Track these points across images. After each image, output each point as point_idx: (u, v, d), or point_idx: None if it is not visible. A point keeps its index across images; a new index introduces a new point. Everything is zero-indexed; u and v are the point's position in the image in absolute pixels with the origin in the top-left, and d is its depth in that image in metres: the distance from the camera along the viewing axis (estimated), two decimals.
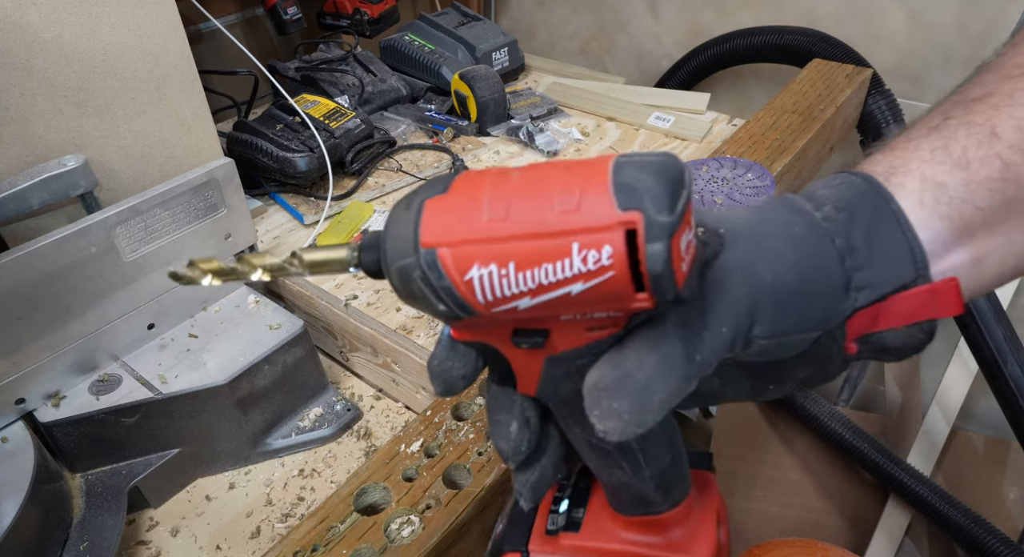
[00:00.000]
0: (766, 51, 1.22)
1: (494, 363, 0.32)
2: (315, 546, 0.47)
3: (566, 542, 0.37)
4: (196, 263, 0.32)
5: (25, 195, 0.61)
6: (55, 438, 0.61)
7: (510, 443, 0.32)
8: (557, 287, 0.25)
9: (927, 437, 1.28)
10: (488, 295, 0.26)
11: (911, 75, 1.16)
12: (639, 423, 0.27)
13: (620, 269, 0.24)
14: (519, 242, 0.25)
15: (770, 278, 0.29)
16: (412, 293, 0.27)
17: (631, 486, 0.34)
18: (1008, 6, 1.02)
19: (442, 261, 0.26)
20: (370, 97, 1.10)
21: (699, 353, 0.28)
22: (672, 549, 0.35)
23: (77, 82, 0.64)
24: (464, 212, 0.26)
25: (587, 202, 0.25)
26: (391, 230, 0.27)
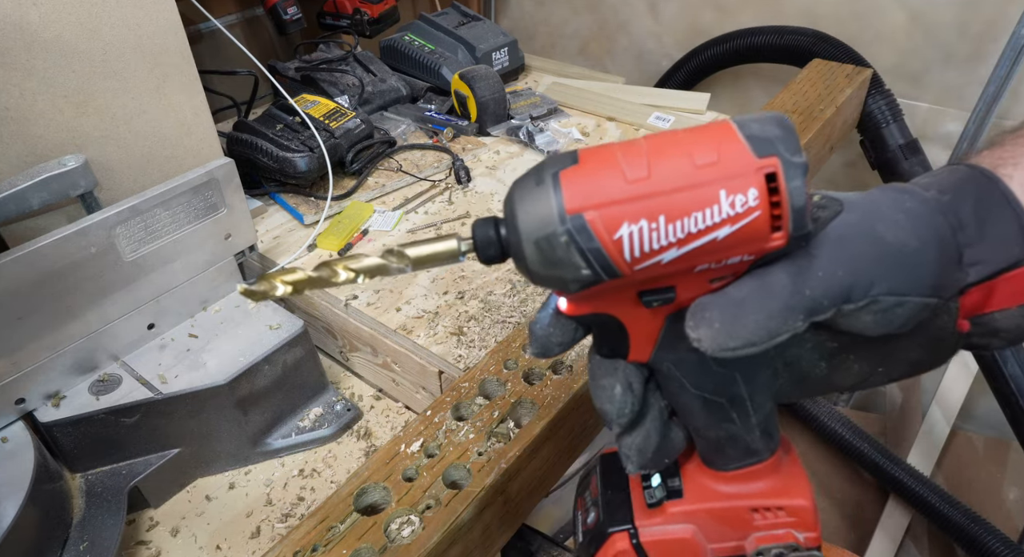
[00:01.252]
0: (766, 51, 1.22)
1: (603, 334, 0.34)
2: (315, 546, 0.47)
3: (674, 510, 0.38)
4: (269, 276, 0.32)
5: (25, 195, 0.61)
6: (55, 438, 0.61)
7: (615, 405, 0.34)
8: (705, 234, 0.27)
9: (927, 437, 1.28)
10: (636, 251, 0.28)
11: (911, 75, 1.16)
12: (731, 334, 0.29)
13: (764, 208, 0.27)
14: (667, 196, 0.27)
15: (891, 238, 0.30)
16: (555, 262, 0.29)
17: (739, 437, 0.35)
18: (1008, 6, 1.02)
19: (591, 224, 0.28)
20: (370, 97, 1.10)
21: (809, 289, 0.29)
22: (779, 493, 0.37)
23: (77, 82, 0.64)
24: (604, 177, 0.28)
25: (725, 154, 0.27)
26: (523, 206, 0.29)
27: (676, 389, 0.35)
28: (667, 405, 0.37)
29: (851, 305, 0.29)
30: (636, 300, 0.31)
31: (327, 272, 0.32)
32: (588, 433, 0.63)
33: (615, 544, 0.38)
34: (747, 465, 0.36)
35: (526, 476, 0.55)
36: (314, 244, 0.82)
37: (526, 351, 0.35)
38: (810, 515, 0.37)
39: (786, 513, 0.37)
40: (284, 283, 0.32)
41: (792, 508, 0.37)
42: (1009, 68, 1.04)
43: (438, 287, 0.75)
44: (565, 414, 0.57)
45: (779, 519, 0.37)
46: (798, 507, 0.37)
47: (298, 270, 0.32)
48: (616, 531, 0.38)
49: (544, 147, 1.00)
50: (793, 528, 0.37)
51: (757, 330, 0.29)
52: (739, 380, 0.34)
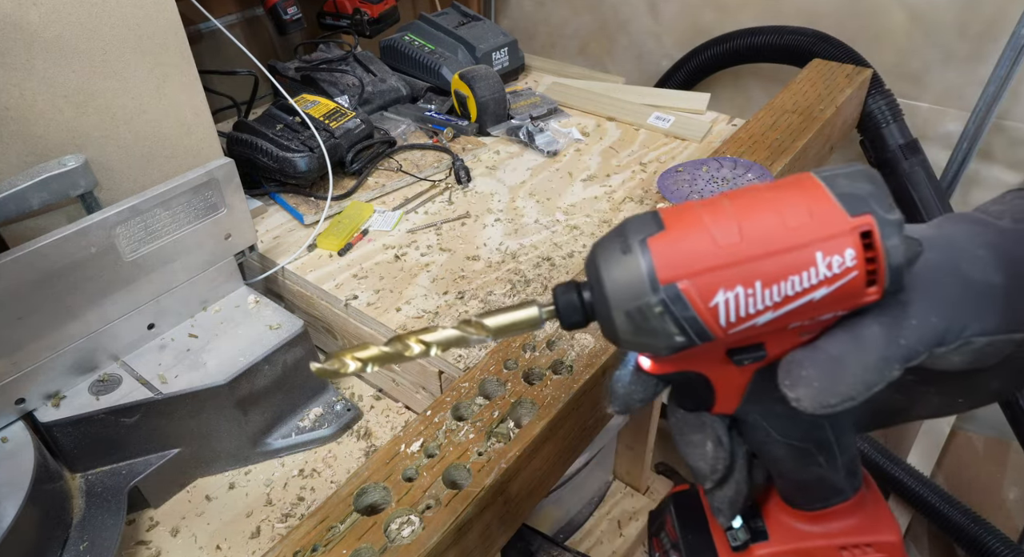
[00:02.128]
0: (766, 51, 1.22)
1: (686, 389, 0.34)
2: (315, 546, 0.47)
3: (760, 552, 0.37)
4: (340, 354, 0.32)
5: (25, 195, 0.61)
6: (55, 438, 0.61)
7: (708, 462, 0.34)
8: (801, 296, 0.27)
9: (927, 437, 1.28)
10: (732, 317, 0.28)
11: (911, 75, 1.16)
12: (832, 392, 0.28)
13: (860, 268, 0.27)
14: (762, 260, 0.27)
15: (978, 277, 0.30)
16: (647, 331, 0.28)
17: (826, 479, 0.35)
18: (1008, 6, 1.02)
19: (686, 293, 0.27)
20: (370, 97, 1.10)
21: (903, 338, 0.29)
22: (866, 531, 0.37)
23: (77, 82, 0.64)
24: (694, 243, 0.28)
25: (818, 214, 0.27)
26: (610, 275, 0.28)
27: (762, 438, 0.35)
28: (748, 450, 0.37)
29: (943, 348, 0.29)
30: (725, 358, 0.31)
31: (400, 347, 0.32)
32: (588, 433, 0.63)
33: None
34: (832, 504, 0.36)
35: (526, 476, 0.55)
36: (314, 244, 0.82)
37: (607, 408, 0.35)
38: (899, 551, 0.37)
39: (875, 549, 0.36)
40: (355, 360, 0.32)
41: (880, 544, 0.36)
42: (1009, 68, 1.04)
43: (438, 287, 0.75)
44: (565, 414, 0.57)
45: (867, 556, 0.36)
46: (886, 543, 0.36)
47: (370, 346, 0.32)
48: None
49: (544, 147, 1.00)
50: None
51: (856, 385, 0.29)
52: (826, 425, 0.34)
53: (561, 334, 0.62)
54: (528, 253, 0.80)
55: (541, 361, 0.60)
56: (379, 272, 0.78)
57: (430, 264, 0.79)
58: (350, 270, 0.78)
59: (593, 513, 1.15)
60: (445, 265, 0.79)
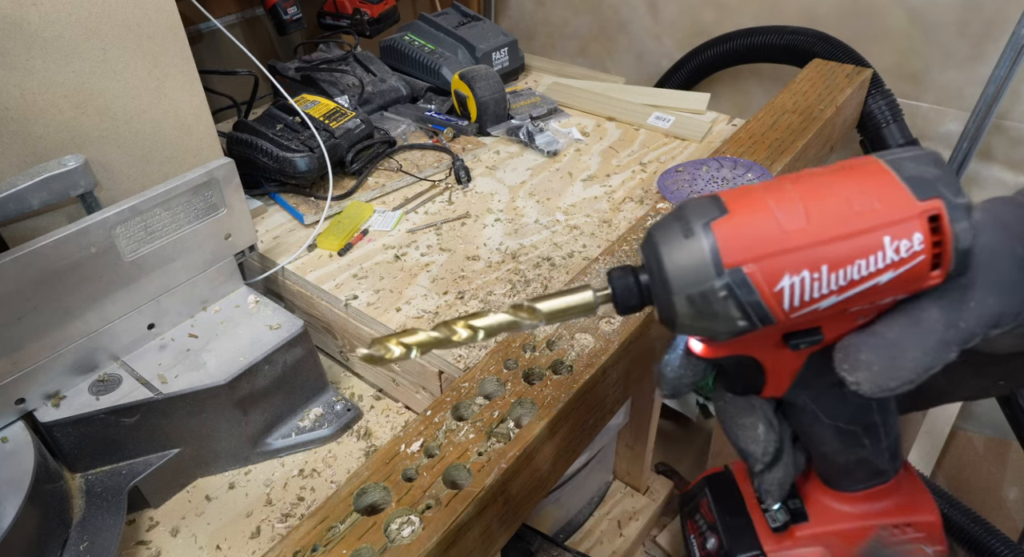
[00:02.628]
0: (766, 51, 1.22)
1: (736, 372, 0.34)
2: (315, 546, 0.47)
3: (802, 533, 0.37)
4: (385, 339, 0.31)
5: (25, 195, 0.61)
6: (55, 438, 0.61)
7: (760, 445, 0.34)
8: (867, 281, 0.27)
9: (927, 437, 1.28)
10: (796, 301, 0.28)
11: (911, 75, 1.16)
12: (891, 376, 0.28)
13: (928, 252, 0.27)
14: (829, 245, 0.27)
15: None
16: (709, 315, 0.28)
17: (869, 460, 0.35)
18: (1008, 6, 1.02)
19: (751, 277, 0.27)
20: (370, 97, 1.10)
21: (963, 321, 0.29)
22: (906, 510, 0.37)
23: (77, 82, 0.64)
24: (760, 227, 0.27)
25: (887, 198, 0.27)
26: (672, 259, 0.28)
27: (809, 421, 0.34)
28: (790, 430, 0.37)
29: (998, 330, 0.29)
30: (780, 342, 0.31)
31: (447, 331, 0.31)
32: (588, 433, 0.63)
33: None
34: (873, 485, 0.36)
35: (526, 476, 0.55)
36: (314, 244, 0.82)
37: (657, 394, 0.35)
38: (938, 530, 0.37)
39: (914, 529, 0.36)
40: (400, 345, 0.32)
41: (920, 524, 0.37)
42: (1009, 68, 1.04)
43: (438, 287, 0.75)
44: (565, 414, 0.57)
45: (907, 536, 0.36)
46: (926, 522, 0.37)
47: (418, 331, 0.31)
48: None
49: (544, 147, 1.00)
50: (922, 543, 0.37)
51: (915, 368, 0.29)
52: (874, 407, 0.34)
53: (561, 334, 0.62)
54: (528, 253, 0.80)
55: (541, 361, 0.60)
56: (379, 272, 0.78)
57: (430, 264, 0.79)
58: (350, 270, 0.78)
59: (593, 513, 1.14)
60: (445, 265, 0.79)
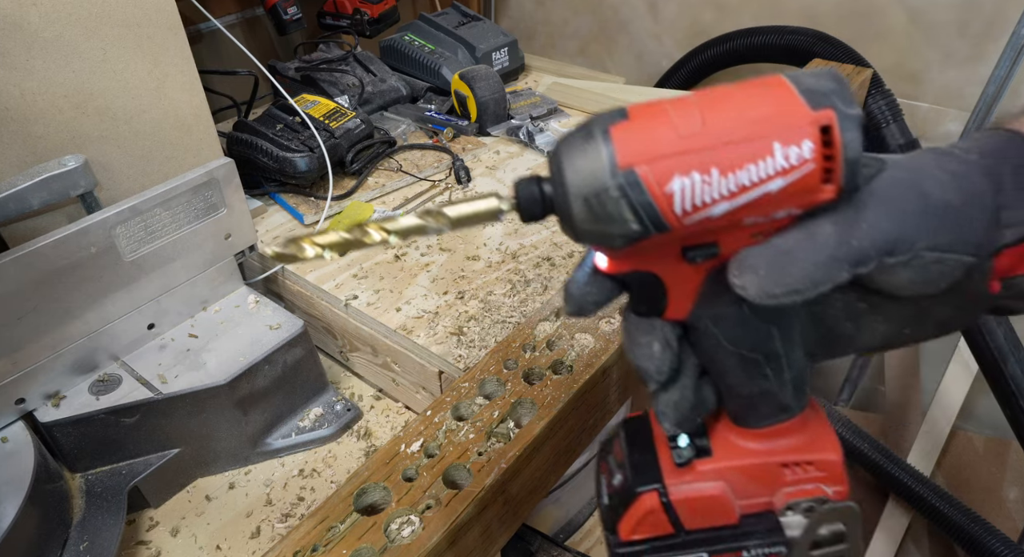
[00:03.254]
0: (766, 51, 1.22)
1: (641, 292, 0.34)
2: (315, 546, 0.47)
3: (703, 468, 0.37)
4: (299, 239, 0.32)
5: (25, 195, 0.61)
6: (55, 438, 0.61)
7: (654, 362, 0.34)
8: (757, 186, 0.28)
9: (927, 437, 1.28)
10: (687, 204, 0.28)
11: (911, 75, 1.16)
12: (777, 281, 0.29)
13: (818, 161, 0.27)
14: (720, 148, 0.28)
15: (937, 195, 0.30)
16: (603, 217, 0.29)
17: (772, 393, 0.35)
18: (1008, 6, 1.02)
19: (643, 178, 0.28)
20: (370, 97, 1.10)
21: (855, 239, 0.29)
22: (808, 449, 0.37)
23: (77, 82, 0.64)
24: (656, 131, 0.28)
25: (780, 106, 0.28)
26: (571, 162, 0.29)
27: (712, 346, 0.35)
28: (698, 363, 0.37)
29: (893, 258, 0.30)
30: (678, 256, 0.32)
31: (359, 233, 0.32)
32: (588, 433, 0.63)
33: (644, 503, 0.37)
34: (778, 422, 0.36)
35: (526, 476, 0.55)
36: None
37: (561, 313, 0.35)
38: (839, 469, 0.37)
39: (815, 468, 0.37)
40: (314, 245, 0.32)
41: (821, 463, 0.37)
42: (1009, 68, 1.04)
43: (438, 287, 0.75)
44: (565, 414, 0.57)
45: (808, 474, 0.37)
46: (827, 461, 0.37)
47: (330, 231, 0.32)
48: (645, 490, 0.38)
49: (544, 147, 1.00)
50: (822, 483, 0.37)
51: (802, 278, 0.29)
52: (776, 336, 0.34)
53: (561, 334, 0.62)
54: (528, 253, 0.80)
55: (541, 361, 0.60)
56: (379, 272, 0.78)
57: (430, 264, 0.79)
58: (350, 270, 0.78)
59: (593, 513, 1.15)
60: (445, 265, 0.79)
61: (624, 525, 0.38)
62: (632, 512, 0.38)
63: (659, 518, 0.37)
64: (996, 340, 1.04)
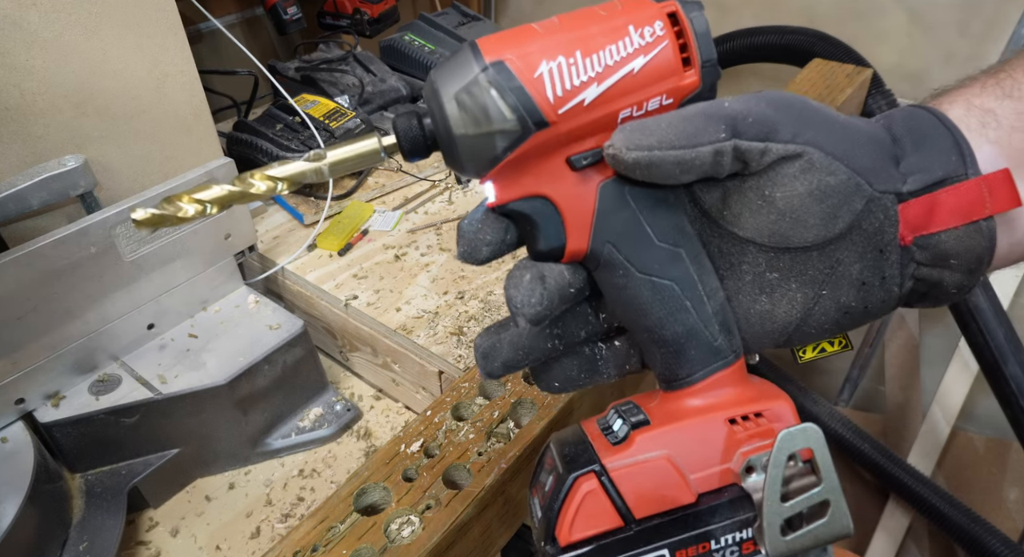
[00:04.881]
0: (766, 51, 1.22)
1: (536, 224, 0.33)
2: (315, 546, 0.47)
3: (642, 437, 0.33)
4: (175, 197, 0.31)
5: (25, 195, 0.61)
6: (55, 438, 0.60)
7: (520, 291, 0.33)
8: (621, 65, 0.30)
9: (927, 437, 1.28)
10: (558, 89, 0.29)
11: (911, 75, 1.16)
12: (644, 131, 0.29)
13: (671, 39, 0.30)
14: (580, 33, 0.30)
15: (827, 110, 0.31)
16: (478, 113, 0.29)
17: (698, 331, 0.33)
18: (1008, 6, 1.02)
19: (510, 64, 0.29)
20: (370, 97, 1.10)
21: (728, 103, 0.30)
22: (754, 399, 0.33)
23: (77, 82, 0.64)
24: (517, 34, 0.30)
25: (629, 5, 0.31)
26: (441, 74, 0.30)
27: (621, 280, 0.33)
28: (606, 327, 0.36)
29: (778, 145, 0.30)
30: (566, 168, 0.32)
31: (242, 185, 0.31)
32: None
33: (580, 487, 0.32)
34: (713, 371, 0.33)
35: (526, 476, 0.55)
36: (314, 244, 0.82)
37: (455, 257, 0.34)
38: (792, 416, 0.33)
39: (767, 418, 0.33)
40: (194, 202, 0.30)
41: (772, 412, 0.33)
42: None
43: (438, 287, 0.75)
44: (565, 414, 0.57)
45: (761, 427, 0.32)
46: (779, 409, 0.33)
47: (212, 185, 0.31)
48: (580, 475, 0.32)
49: None
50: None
51: (671, 128, 0.29)
52: (685, 258, 0.33)
53: None
54: None
55: None
56: (379, 272, 0.78)
57: (430, 264, 0.79)
58: (350, 270, 0.78)
59: None
60: (445, 265, 0.79)
61: (561, 525, 0.32)
62: (568, 505, 0.32)
63: (602, 505, 0.32)
64: (996, 340, 1.04)
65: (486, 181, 0.33)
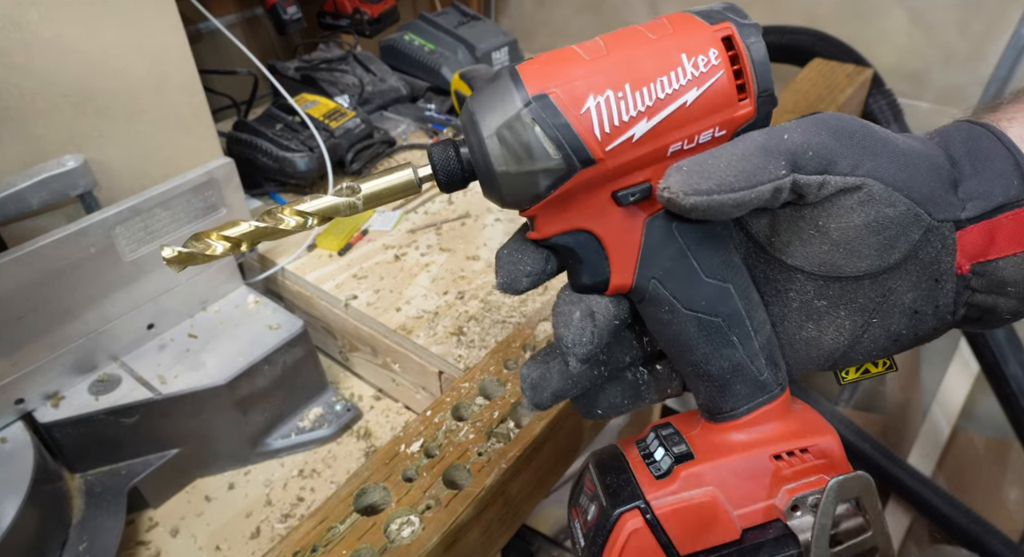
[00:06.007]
0: None
1: (579, 258, 0.32)
2: (315, 546, 0.47)
3: (687, 472, 0.32)
4: (204, 234, 0.29)
5: (25, 195, 0.61)
6: (55, 438, 0.60)
7: (571, 329, 0.31)
8: (673, 99, 0.28)
9: (928, 437, 1.28)
10: (606, 125, 0.27)
11: (911, 75, 1.16)
12: (703, 174, 0.27)
13: (726, 68, 0.28)
14: (629, 65, 0.27)
15: (884, 133, 0.30)
16: (521, 151, 0.28)
17: (744, 366, 0.32)
18: (1008, 6, 1.02)
19: (555, 99, 0.27)
20: (370, 97, 1.10)
21: (787, 134, 0.28)
22: (800, 434, 0.33)
23: (77, 82, 0.64)
24: (561, 61, 0.28)
25: (679, 27, 0.28)
26: (481, 105, 0.28)
27: (667, 316, 0.32)
28: (648, 351, 0.35)
29: (837, 178, 0.28)
30: (611, 203, 0.30)
31: (273, 221, 0.30)
32: (588, 433, 0.63)
33: (626, 525, 0.32)
34: (758, 405, 0.33)
35: (526, 476, 0.55)
36: (314, 244, 0.82)
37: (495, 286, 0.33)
38: (839, 452, 0.33)
39: (812, 455, 0.33)
40: (223, 239, 0.29)
41: (818, 448, 0.33)
42: (1009, 68, 1.04)
43: (438, 287, 0.75)
44: (565, 414, 0.57)
45: (807, 464, 0.32)
46: (825, 446, 0.33)
47: (240, 222, 0.29)
48: (624, 510, 0.32)
49: None
50: (825, 472, 0.32)
51: (729, 169, 0.27)
52: (733, 293, 0.31)
53: None
54: None
55: None
56: (379, 272, 0.78)
57: (430, 264, 0.79)
58: (350, 270, 0.78)
59: None
60: (445, 265, 0.79)
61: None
62: (614, 540, 0.32)
63: (646, 542, 0.32)
64: (996, 340, 1.04)
65: (528, 215, 0.31)
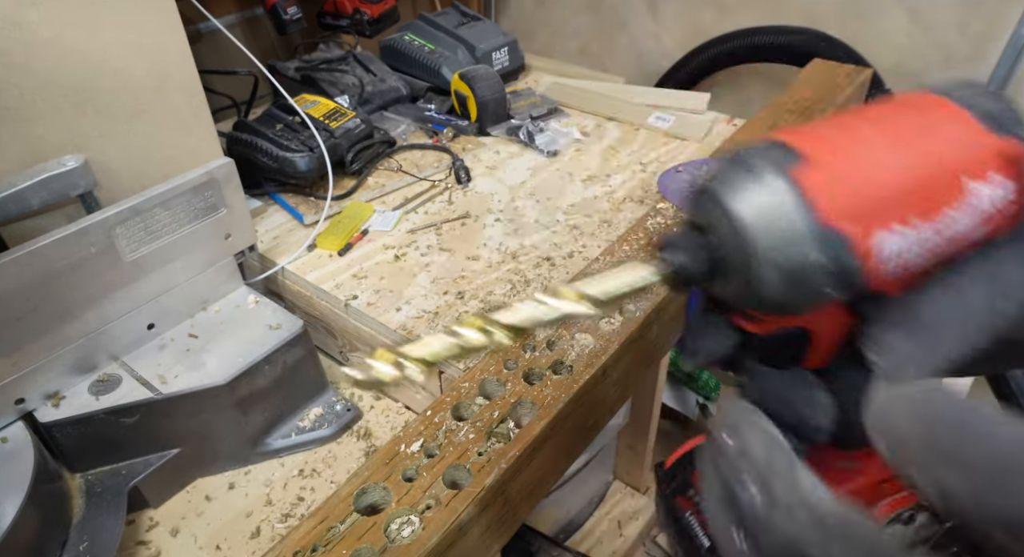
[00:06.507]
0: (766, 51, 1.22)
1: (778, 345, 0.29)
2: (315, 546, 0.47)
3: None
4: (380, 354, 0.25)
5: (25, 195, 0.61)
6: (55, 438, 0.60)
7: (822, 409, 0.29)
8: (961, 241, 0.24)
9: None
10: (891, 264, 0.24)
11: (911, 75, 1.16)
12: (919, 365, 0.24)
13: (1020, 201, 0.24)
14: (914, 191, 0.23)
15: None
16: (801, 289, 0.24)
17: None
18: (1008, 6, 1.02)
19: (851, 238, 0.23)
20: (370, 97, 1.10)
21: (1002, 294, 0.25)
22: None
23: (77, 82, 0.64)
24: (848, 178, 0.23)
25: (946, 123, 0.24)
26: (751, 211, 0.24)
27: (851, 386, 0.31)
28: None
29: None
30: (842, 307, 0.28)
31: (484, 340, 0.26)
32: (588, 433, 0.63)
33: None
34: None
35: (526, 476, 0.55)
36: (314, 244, 0.82)
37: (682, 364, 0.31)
38: None
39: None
40: (416, 362, 0.26)
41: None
42: (1009, 68, 1.04)
43: (438, 287, 0.75)
44: (565, 414, 0.57)
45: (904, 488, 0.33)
46: None
47: (424, 339, 0.25)
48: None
49: (544, 147, 1.00)
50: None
51: (942, 363, 0.24)
52: None
53: (561, 334, 0.62)
54: (528, 253, 0.80)
55: (541, 361, 0.60)
56: (379, 272, 0.78)
57: (430, 264, 0.79)
58: (350, 270, 0.78)
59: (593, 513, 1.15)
60: (445, 265, 0.79)
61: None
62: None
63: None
64: None
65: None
